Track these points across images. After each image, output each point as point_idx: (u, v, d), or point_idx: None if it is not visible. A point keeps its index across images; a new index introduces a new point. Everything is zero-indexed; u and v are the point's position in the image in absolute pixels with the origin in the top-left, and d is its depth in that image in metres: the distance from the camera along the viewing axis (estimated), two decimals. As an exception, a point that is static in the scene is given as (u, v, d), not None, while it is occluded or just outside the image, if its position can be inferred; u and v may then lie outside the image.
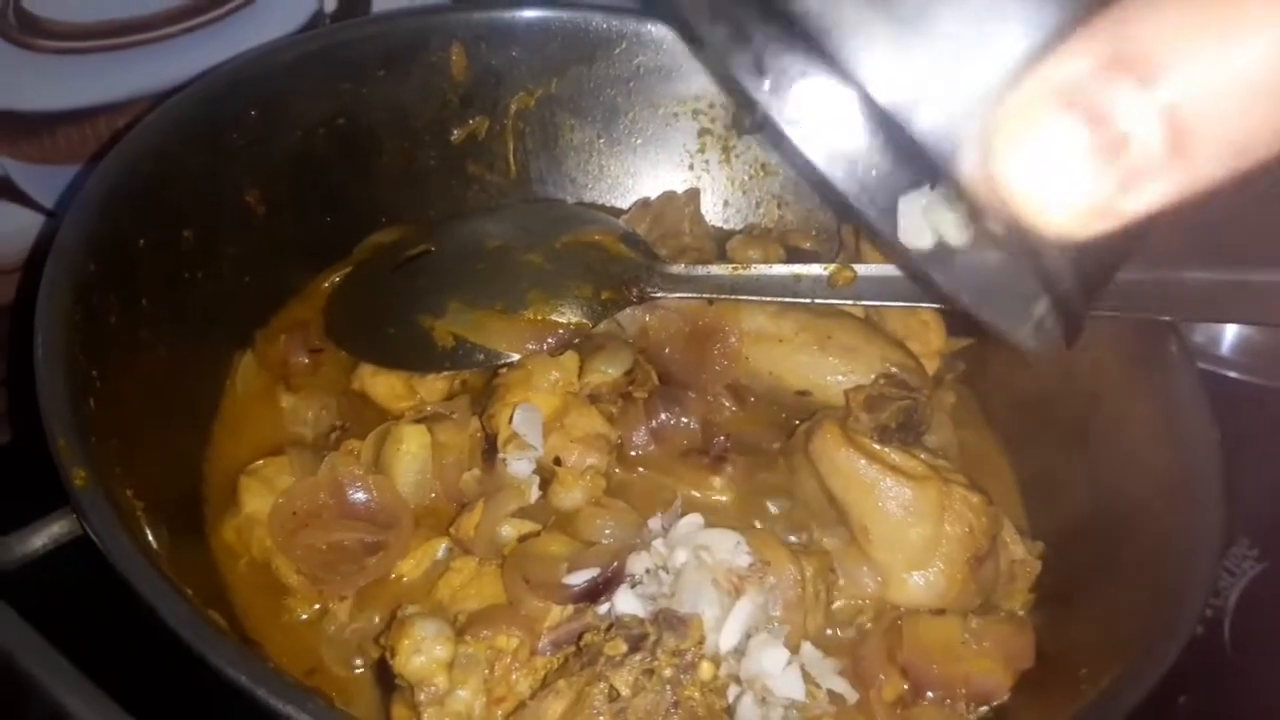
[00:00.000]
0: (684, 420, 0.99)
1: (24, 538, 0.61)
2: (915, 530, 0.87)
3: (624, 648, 0.71)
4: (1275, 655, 1.25)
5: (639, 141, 1.23)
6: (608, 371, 0.98)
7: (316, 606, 0.83)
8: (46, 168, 1.12)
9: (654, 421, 0.99)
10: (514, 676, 0.76)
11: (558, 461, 0.92)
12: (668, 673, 0.69)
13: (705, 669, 0.71)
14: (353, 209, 1.11)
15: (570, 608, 0.80)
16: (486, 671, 0.75)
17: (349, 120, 1.07)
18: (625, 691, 0.68)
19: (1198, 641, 1.24)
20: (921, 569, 0.88)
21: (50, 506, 0.65)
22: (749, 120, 1.20)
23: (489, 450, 0.92)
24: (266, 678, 0.56)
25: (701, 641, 0.73)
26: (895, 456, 0.89)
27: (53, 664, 0.44)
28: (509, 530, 0.87)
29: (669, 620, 0.72)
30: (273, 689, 0.56)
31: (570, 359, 0.95)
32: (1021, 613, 0.92)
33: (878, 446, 0.90)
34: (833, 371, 0.99)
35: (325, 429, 0.95)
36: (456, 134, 1.16)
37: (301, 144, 1.04)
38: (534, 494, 0.89)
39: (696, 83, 1.19)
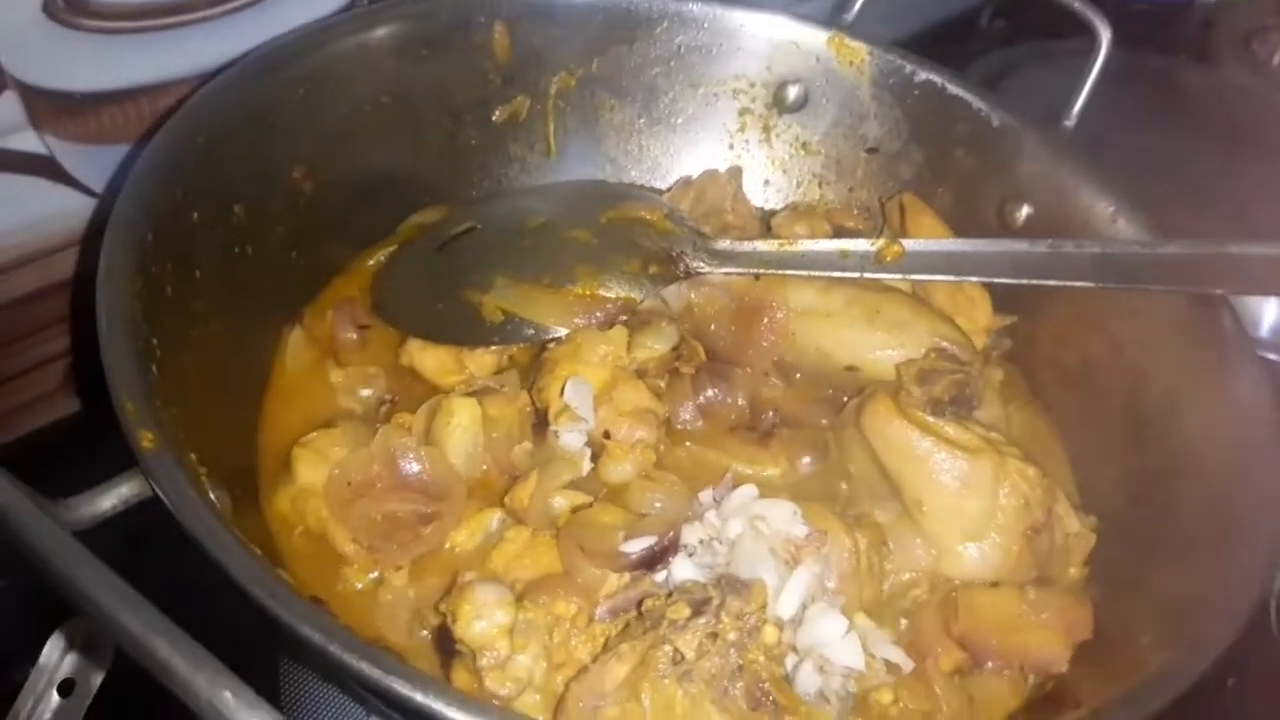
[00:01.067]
0: (732, 396, 0.99)
1: (93, 499, 0.61)
2: (970, 502, 0.87)
3: (687, 611, 0.70)
4: (1322, 639, 1.24)
5: (679, 121, 1.23)
6: (655, 347, 0.98)
7: (372, 576, 0.83)
8: (91, 148, 1.12)
9: (701, 397, 0.98)
10: (573, 643, 0.76)
11: (607, 435, 0.91)
12: (732, 636, 0.69)
13: (769, 633, 0.71)
14: (396, 187, 1.12)
15: (626, 576, 0.79)
16: (547, 638, 0.75)
17: (393, 99, 1.07)
18: (689, 654, 0.68)
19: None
20: (977, 541, 0.87)
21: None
22: (790, 99, 1.20)
23: (539, 423, 0.92)
24: (338, 634, 0.56)
25: (764, 605, 0.73)
26: (949, 429, 0.89)
27: (137, 604, 0.44)
28: (561, 501, 0.87)
29: (732, 584, 0.72)
30: (345, 645, 0.56)
31: (619, 333, 0.95)
32: (1078, 587, 0.92)
33: (931, 419, 0.89)
34: (882, 346, 0.98)
35: (375, 403, 0.96)
36: (498, 113, 1.16)
37: (346, 122, 1.04)
38: (586, 466, 0.89)
39: (737, 62, 1.19)
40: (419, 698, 0.54)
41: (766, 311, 1.01)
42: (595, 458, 0.91)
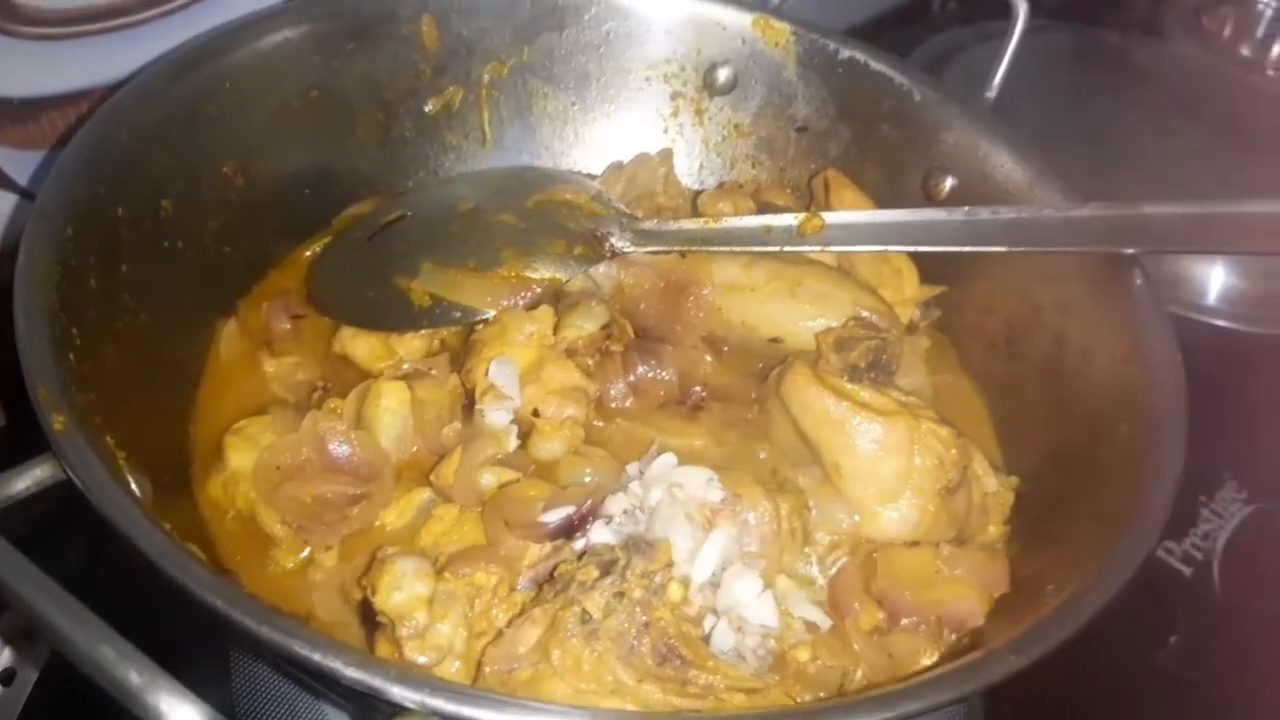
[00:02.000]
0: (661, 372, 1.01)
1: (6, 480, 0.63)
2: (886, 464, 0.89)
3: (595, 573, 0.73)
4: (1263, 596, 1.26)
5: (612, 107, 1.25)
6: (584, 326, 0.99)
7: (302, 556, 0.85)
8: (32, 153, 1.14)
9: (632, 375, 1.00)
10: (494, 612, 0.77)
11: (536, 414, 0.93)
12: (637, 594, 0.71)
13: (674, 590, 0.73)
14: (331, 181, 1.13)
15: (548, 546, 0.82)
16: (467, 607, 0.77)
17: (323, 93, 1.09)
18: (596, 614, 0.70)
19: (1187, 583, 1.28)
20: (894, 502, 0.89)
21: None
22: (720, 81, 1.22)
23: (468, 404, 0.94)
24: (242, 602, 0.58)
25: (670, 565, 0.75)
26: (865, 394, 0.91)
27: (36, 580, 0.46)
28: (490, 478, 0.88)
29: (637, 545, 0.74)
30: (249, 612, 0.58)
31: (544, 312, 0.97)
32: (998, 545, 0.94)
33: (847, 385, 0.91)
34: (804, 317, 1.00)
35: (307, 391, 0.97)
36: (431, 105, 1.18)
37: (276, 117, 1.06)
38: (512, 443, 0.91)
39: (666, 46, 1.21)
40: (317, 657, 0.56)
41: (692, 289, 1.03)
42: (525, 437, 0.93)
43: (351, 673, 0.56)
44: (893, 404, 0.90)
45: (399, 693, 0.56)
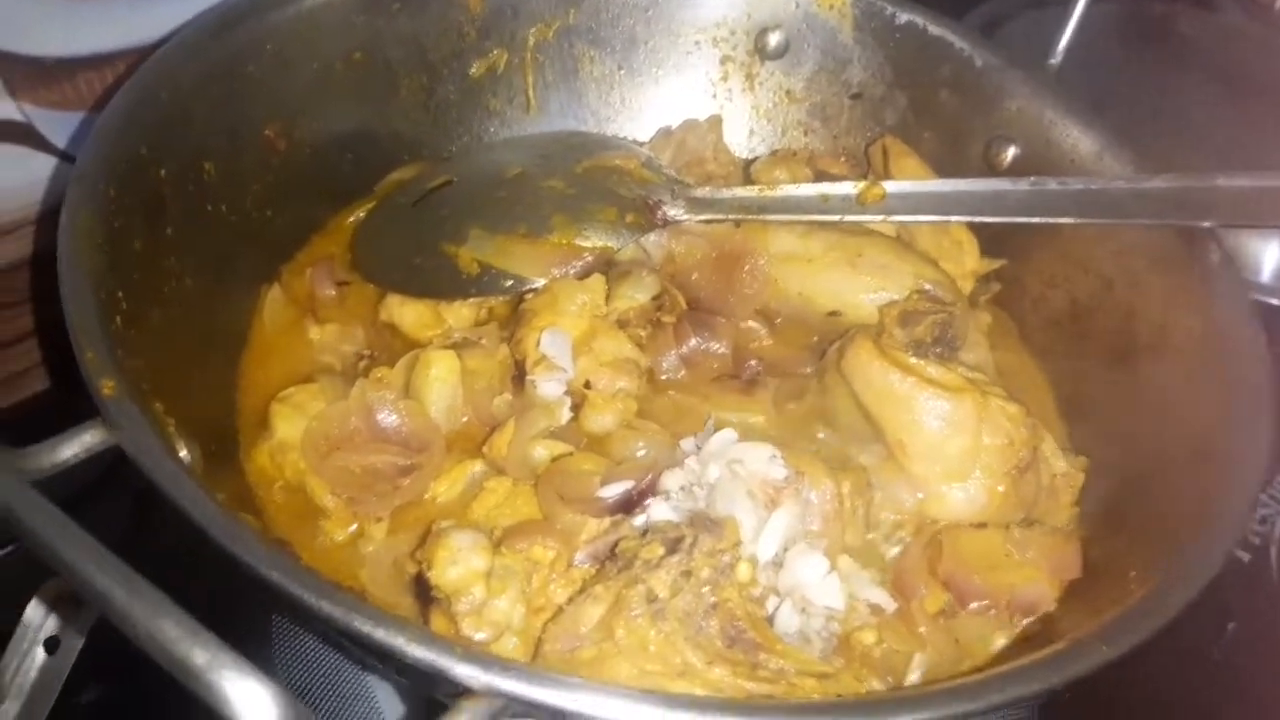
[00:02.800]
0: (714, 345, 0.98)
1: (54, 447, 0.60)
2: (953, 443, 0.86)
3: (660, 551, 0.70)
4: (1324, 583, 1.22)
5: (660, 72, 1.21)
6: (635, 297, 0.96)
7: (352, 529, 0.83)
8: (69, 115, 1.11)
9: (684, 347, 0.97)
10: (552, 587, 0.75)
11: (587, 385, 0.91)
12: (705, 574, 0.68)
13: (743, 570, 0.70)
14: (373, 145, 1.10)
15: (606, 521, 0.79)
16: (524, 583, 0.74)
17: (366, 54, 1.06)
18: (663, 593, 0.67)
19: (1245, 569, 1.24)
20: (961, 481, 0.86)
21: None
22: (771, 46, 1.18)
23: (518, 375, 0.91)
24: (299, 575, 0.56)
25: (738, 543, 0.72)
26: (931, 369, 0.88)
27: (91, 550, 0.44)
28: (542, 451, 0.86)
29: (704, 523, 0.71)
30: (307, 586, 0.55)
31: (597, 282, 0.94)
32: (1068, 528, 0.90)
33: (913, 360, 0.88)
34: (864, 290, 0.97)
35: (353, 359, 0.95)
36: (475, 67, 1.14)
37: (318, 79, 1.03)
38: (564, 415, 0.89)
39: (716, 9, 1.18)
40: (380, 635, 0.54)
41: (747, 259, 1.00)
42: (576, 409, 0.90)
43: (415, 651, 0.54)
44: (960, 380, 0.87)
45: (465, 672, 0.53)
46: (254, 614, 1.02)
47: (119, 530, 0.52)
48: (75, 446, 0.61)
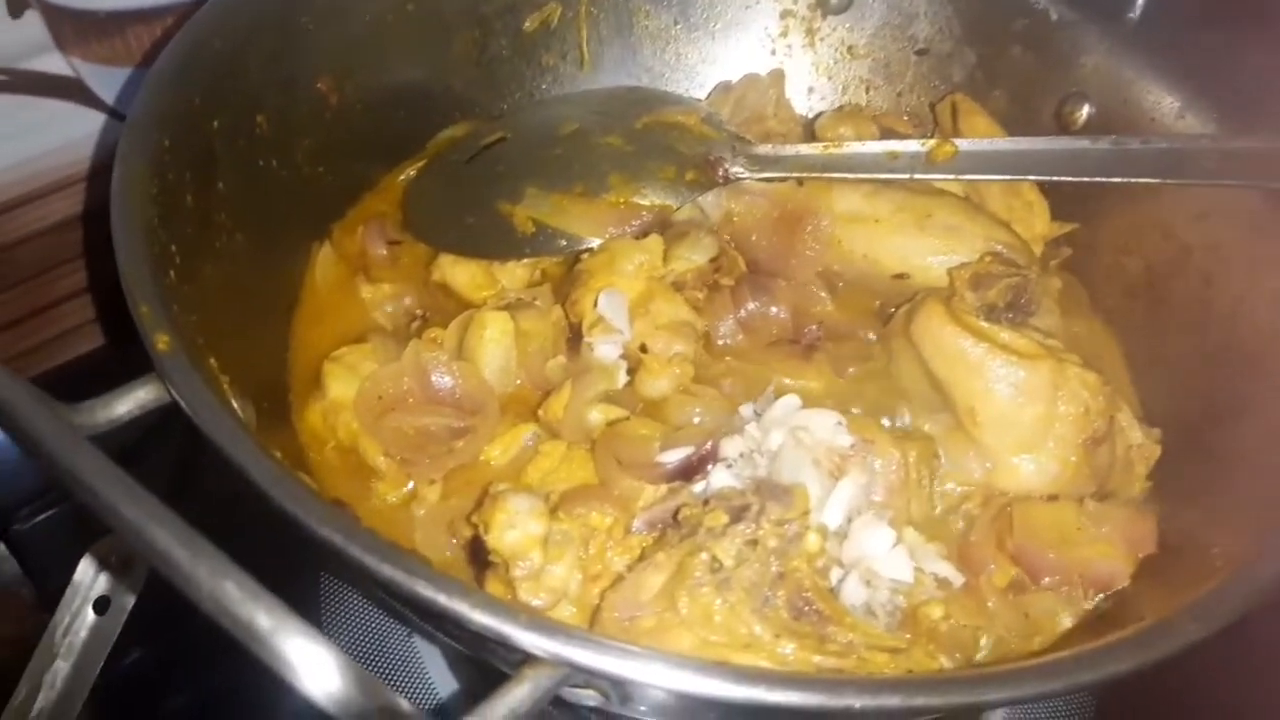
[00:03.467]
0: (774, 309, 0.95)
1: (108, 403, 0.59)
2: (1027, 411, 0.82)
3: (725, 519, 0.67)
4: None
5: (717, 26, 1.17)
6: (692, 258, 0.94)
7: (405, 490, 0.81)
8: (118, 70, 1.10)
9: (742, 311, 0.94)
10: (609, 555, 0.73)
11: (643, 349, 0.88)
12: (772, 543, 0.66)
13: (811, 540, 0.68)
14: (425, 101, 1.08)
15: (664, 487, 0.77)
16: (581, 549, 0.73)
17: (418, 6, 1.03)
18: (728, 562, 0.65)
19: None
20: (1032, 452, 0.83)
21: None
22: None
23: (573, 337, 0.89)
24: (360, 535, 0.54)
25: (807, 512, 0.70)
26: (1004, 335, 0.84)
27: (152, 509, 0.43)
28: (597, 415, 0.84)
29: (772, 490, 0.69)
30: (366, 546, 0.54)
31: (654, 242, 0.92)
32: (1141, 501, 0.87)
33: (985, 325, 0.84)
34: (933, 252, 0.93)
35: (406, 319, 0.93)
36: (529, 21, 1.11)
37: (371, 31, 1.00)
38: (621, 378, 0.86)
39: (777, -37, 1.14)
40: (443, 600, 0.52)
41: (810, 219, 0.96)
42: (632, 372, 0.88)
43: (479, 617, 0.52)
44: (1036, 346, 0.83)
45: (531, 640, 0.51)
46: (301, 574, 1.02)
47: (159, 491, 0.51)
48: (129, 403, 0.60)
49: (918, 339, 0.86)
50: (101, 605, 0.86)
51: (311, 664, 0.42)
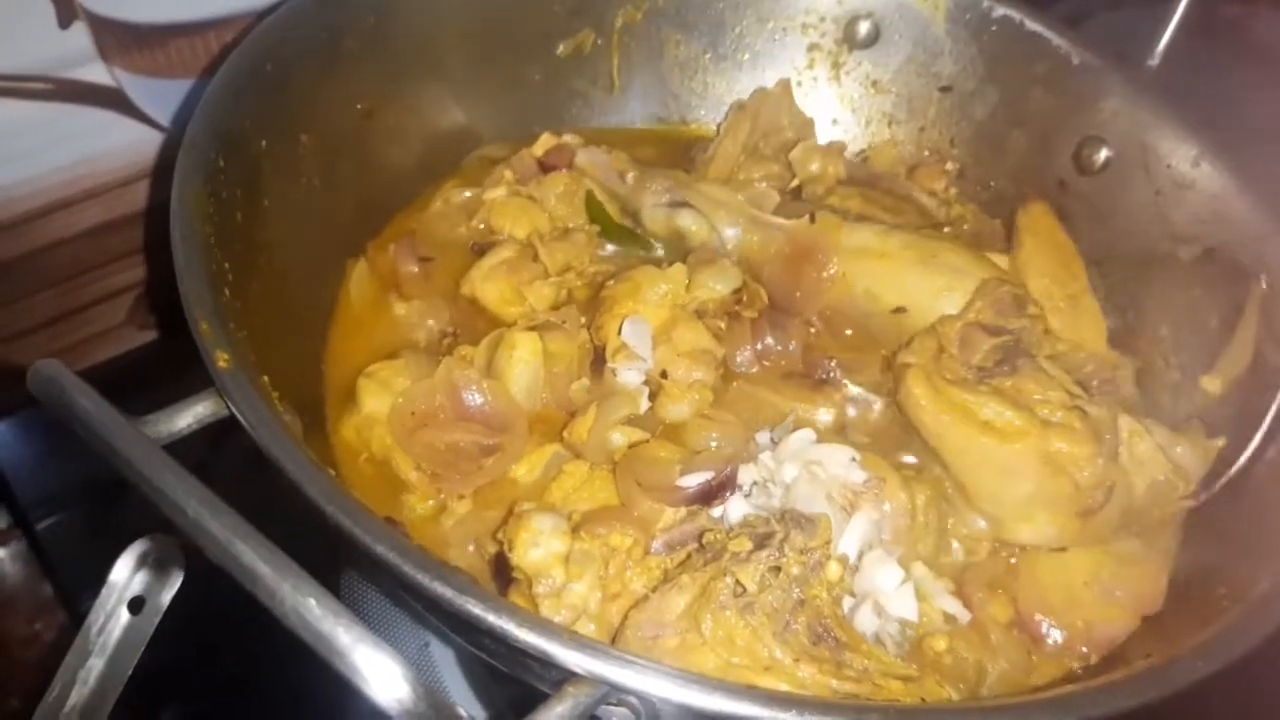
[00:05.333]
0: (788, 345, 0.96)
1: (170, 417, 0.62)
2: (1013, 489, 0.83)
3: (749, 544, 0.70)
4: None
5: (746, 57, 1.20)
6: (716, 288, 0.96)
7: (432, 502, 0.84)
8: (157, 81, 1.12)
9: (760, 344, 0.96)
10: (629, 574, 0.76)
11: (664, 375, 0.91)
12: (795, 571, 0.68)
13: (833, 569, 0.70)
14: (460, 123, 1.11)
15: (683, 510, 0.79)
16: (601, 568, 0.75)
17: (458, 34, 1.06)
18: (752, 587, 0.68)
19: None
20: (1029, 522, 0.84)
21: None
22: (861, 35, 1.17)
23: (597, 360, 0.91)
24: (412, 554, 0.57)
25: (829, 541, 0.72)
26: (989, 409, 0.83)
27: (222, 512, 0.45)
28: (620, 437, 0.86)
29: (796, 519, 0.71)
30: (418, 564, 0.56)
31: (679, 271, 0.94)
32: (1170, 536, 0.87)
33: (969, 397, 0.84)
34: (934, 288, 0.95)
35: (437, 335, 0.96)
36: (562, 48, 1.14)
37: (412, 55, 1.03)
38: (644, 403, 0.89)
39: (808, -2, 1.17)
40: (491, 618, 0.55)
41: (820, 254, 0.98)
42: (653, 397, 0.91)
43: (525, 635, 0.55)
44: (1020, 421, 0.82)
45: (576, 659, 0.54)
46: (321, 575, 1.04)
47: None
48: (189, 417, 0.63)
49: (904, 408, 0.87)
50: (136, 605, 0.88)
51: (383, 675, 0.45)
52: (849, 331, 0.99)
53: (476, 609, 0.54)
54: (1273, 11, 1.90)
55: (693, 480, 0.81)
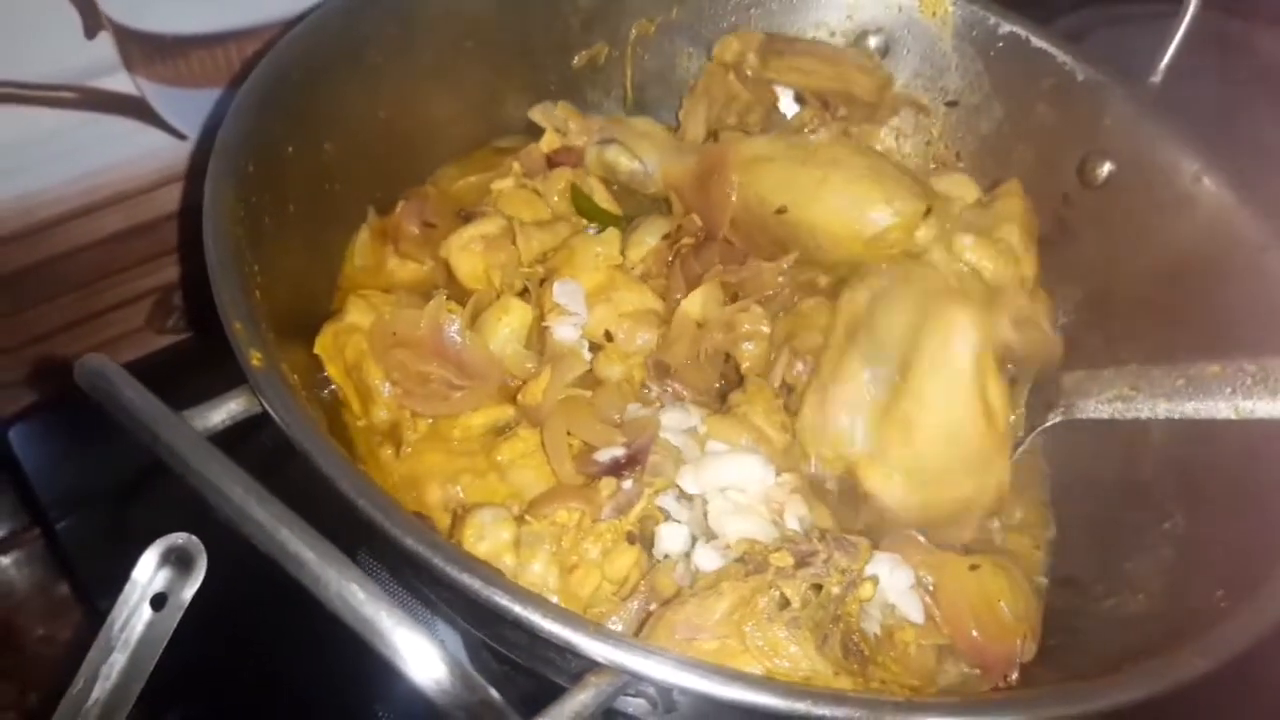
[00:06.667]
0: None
1: (205, 413, 0.64)
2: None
3: (791, 560, 0.72)
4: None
5: (754, 69, 1.22)
6: (646, 241, 1.00)
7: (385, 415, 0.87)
8: (180, 90, 1.14)
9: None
10: (584, 545, 0.78)
11: (609, 337, 0.94)
12: (835, 590, 0.71)
13: (867, 588, 0.73)
14: (475, 130, 1.14)
15: (629, 480, 0.81)
16: (553, 545, 0.77)
17: (476, 44, 1.08)
18: (795, 601, 0.70)
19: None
20: None
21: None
22: (870, 49, 1.19)
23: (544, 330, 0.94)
24: (442, 548, 0.58)
25: (866, 562, 0.75)
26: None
27: (268, 500, 0.47)
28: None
29: (839, 541, 0.74)
30: (448, 558, 0.58)
31: (612, 235, 0.98)
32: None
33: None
34: (811, 180, 0.95)
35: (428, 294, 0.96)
36: (577, 59, 1.16)
37: (432, 65, 1.05)
38: (585, 357, 0.92)
39: (818, 10, 1.19)
40: (518, 609, 0.56)
41: (721, 168, 1.00)
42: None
43: (550, 625, 0.56)
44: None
45: (600, 650, 0.55)
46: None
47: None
48: (223, 413, 0.64)
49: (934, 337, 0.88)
50: (159, 602, 0.89)
51: (423, 658, 0.47)
52: (761, 243, 1.00)
53: (504, 600, 0.56)
54: (1275, 28, 1.93)
55: (605, 455, 0.83)
